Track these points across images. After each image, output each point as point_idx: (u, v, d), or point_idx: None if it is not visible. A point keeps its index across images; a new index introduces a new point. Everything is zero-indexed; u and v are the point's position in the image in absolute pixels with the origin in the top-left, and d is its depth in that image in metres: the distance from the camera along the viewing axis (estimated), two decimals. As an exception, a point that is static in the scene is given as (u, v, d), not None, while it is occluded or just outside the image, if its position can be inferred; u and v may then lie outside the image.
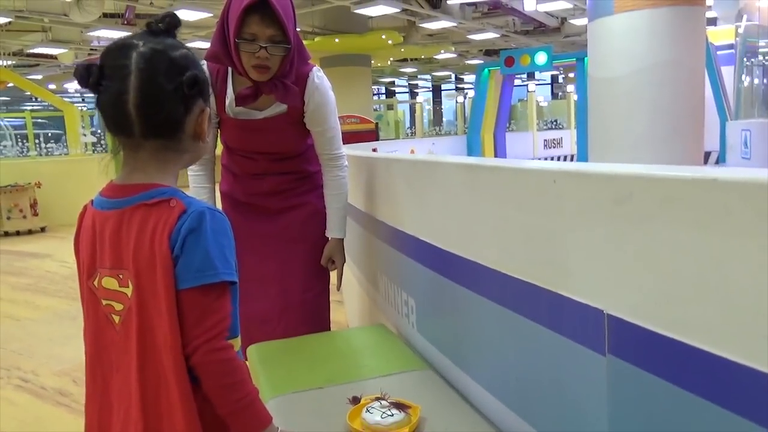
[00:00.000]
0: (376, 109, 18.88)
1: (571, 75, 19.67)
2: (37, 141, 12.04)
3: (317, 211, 1.91)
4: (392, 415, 1.19)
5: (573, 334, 0.96)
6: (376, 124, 10.78)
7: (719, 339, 0.70)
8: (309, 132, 1.83)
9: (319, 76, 1.76)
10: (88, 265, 0.96)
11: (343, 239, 1.88)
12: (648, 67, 6.32)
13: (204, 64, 1.65)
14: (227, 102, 1.74)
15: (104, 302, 0.94)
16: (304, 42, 1.76)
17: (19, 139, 12.40)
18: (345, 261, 1.89)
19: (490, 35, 14.93)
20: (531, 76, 21.28)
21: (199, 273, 0.88)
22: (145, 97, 0.88)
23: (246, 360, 1.11)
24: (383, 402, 1.24)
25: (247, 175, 1.87)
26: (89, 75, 0.89)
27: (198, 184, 1.87)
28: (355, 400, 1.30)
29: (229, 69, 1.72)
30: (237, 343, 0.97)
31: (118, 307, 0.93)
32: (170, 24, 0.93)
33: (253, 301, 1.86)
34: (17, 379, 2.88)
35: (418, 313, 1.71)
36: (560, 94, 26.06)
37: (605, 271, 0.88)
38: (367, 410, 1.22)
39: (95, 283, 0.95)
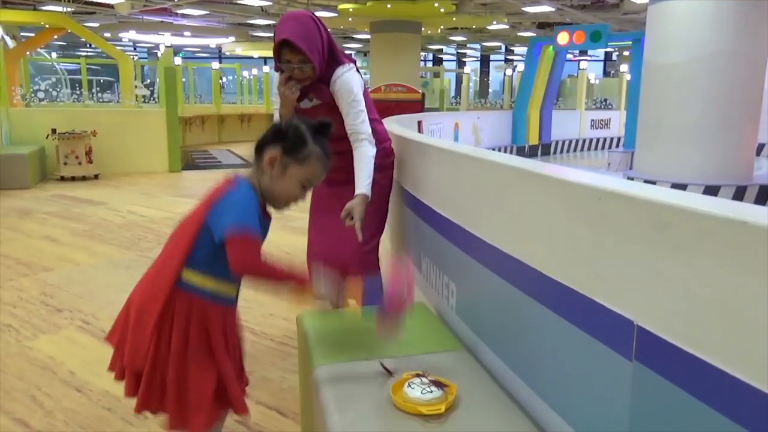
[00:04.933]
0: (422, 76, 18.75)
1: (626, 53, 19.10)
2: (91, 90, 12.40)
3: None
4: (431, 391, 1.32)
5: (604, 337, 1.06)
6: (423, 94, 10.76)
7: (735, 361, 0.80)
8: None
9: (342, 72, 2.27)
10: None
11: (366, 197, 2.20)
12: (707, 55, 6.16)
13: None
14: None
15: None
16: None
17: (74, 85, 12.80)
18: (362, 217, 2.17)
19: (545, 8, 14.59)
20: (584, 52, 20.74)
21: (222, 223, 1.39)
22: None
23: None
24: (423, 379, 1.37)
25: None
26: None
27: None
28: (388, 371, 1.48)
29: None
30: (232, 288, 1.51)
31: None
32: (321, 124, 1.52)
33: (318, 245, 2.55)
34: (79, 320, 3.13)
35: (458, 297, 1.83)
36: (613, 72, 25.33)
37: (639, 286, 0.97)
38: (409, 385, 1.36)
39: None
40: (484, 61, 30.34)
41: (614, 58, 25.86)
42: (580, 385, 1.15)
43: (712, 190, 6.20)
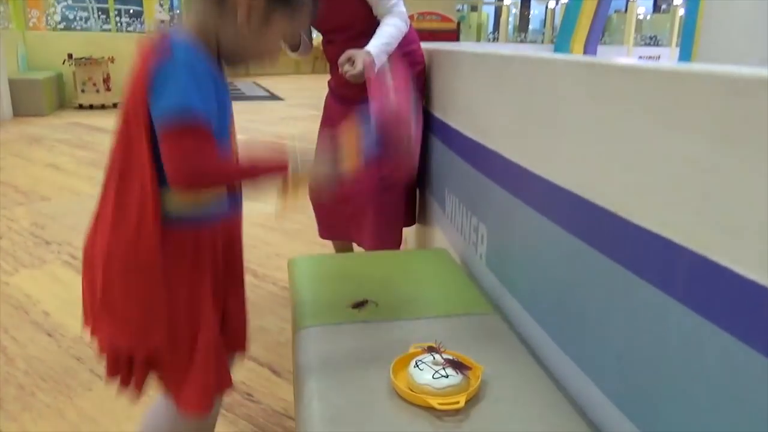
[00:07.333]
0: (458, 10, 17.72)
1: (681, -13, 17.71)
2: (117, 19, 11.99)
3: None
4: (447, 376, 0.95)
5: (723, 318, 0.66)
6: (458, 23, 10.04)
7: None
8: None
9: None
10: None
11: (373, 59, 1.80)
12: (785, -22, 5.40)
13: None
14: None
15: None
16: None
17: (101, 14, 12.42)
18: (366, 65, 1.78)
19: (595, -67, 13.41)
20: (634, -16, 19.32)
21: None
22: None
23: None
24: (437, 356, 0.99)
25: (334, 65, 1.99)
26: None
27: None
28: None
29: None
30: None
31: None
32: None
33: None
34: (66, 254, 2.84)
35: (489, 244, 1.43)
36: (663, 7, 23.75)
37: (811, 241, 0.56)
38: (416, 365, 0.98)
39: None
40: (526, -5, 28.72)
41: (666, -8, 24.17)
42: (675, 388, 0.76)
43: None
